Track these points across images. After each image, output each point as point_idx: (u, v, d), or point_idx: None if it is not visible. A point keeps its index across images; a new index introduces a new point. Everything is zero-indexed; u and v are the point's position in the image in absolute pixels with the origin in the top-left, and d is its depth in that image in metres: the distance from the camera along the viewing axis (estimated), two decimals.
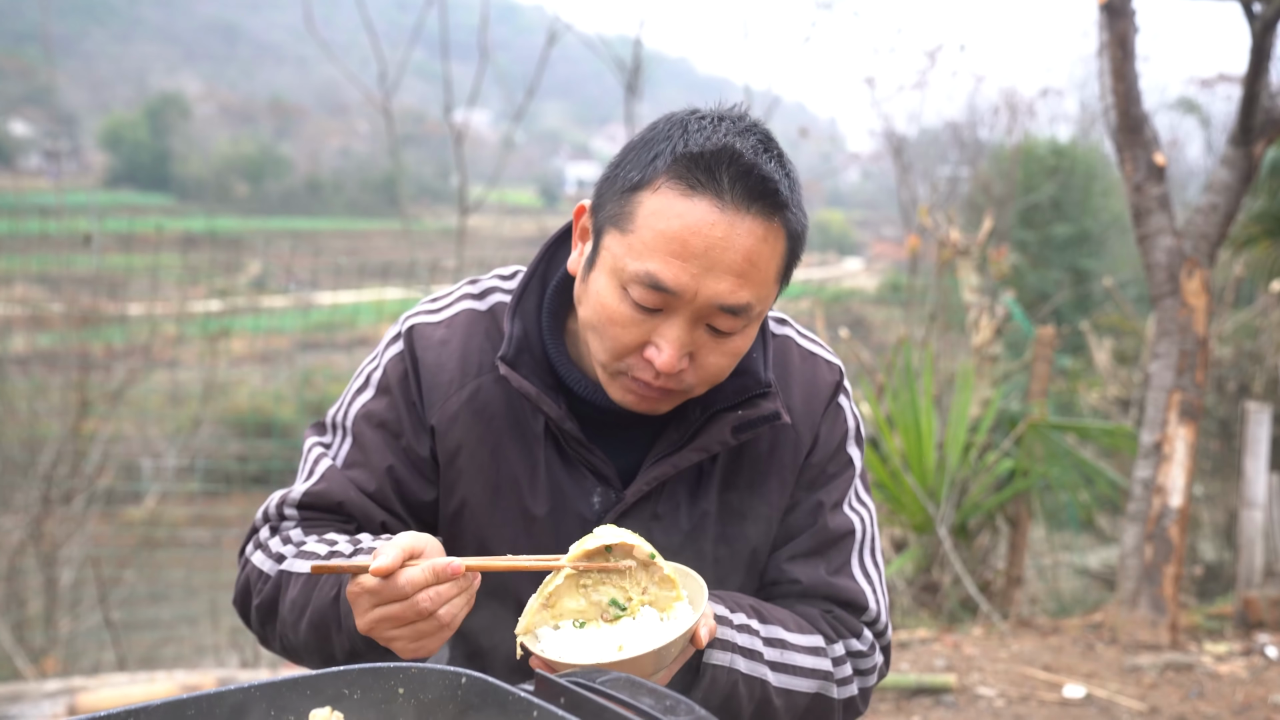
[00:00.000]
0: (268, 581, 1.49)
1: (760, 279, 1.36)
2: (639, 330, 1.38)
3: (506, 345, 1.49)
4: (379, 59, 8.47)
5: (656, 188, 1.34)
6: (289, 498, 1.55)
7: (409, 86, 10.02)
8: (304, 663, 1.50)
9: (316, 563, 1.29)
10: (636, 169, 1.37)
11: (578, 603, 1.32)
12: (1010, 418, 6.26)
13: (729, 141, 1.34)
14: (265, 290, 12.78)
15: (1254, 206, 7.53)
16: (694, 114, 1.40)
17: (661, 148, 1.36)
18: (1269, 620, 5.34)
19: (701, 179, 1.33)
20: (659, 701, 0.98)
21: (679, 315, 1.36)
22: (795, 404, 1.58)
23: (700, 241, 1.32)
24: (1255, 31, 4.76)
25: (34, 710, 4.52)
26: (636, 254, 1.34)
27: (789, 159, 1.41)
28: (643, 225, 1.34)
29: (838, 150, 22.68)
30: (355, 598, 1.28)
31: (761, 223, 1.34)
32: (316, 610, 1.41)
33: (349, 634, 1.36)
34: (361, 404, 1.57)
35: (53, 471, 7.70)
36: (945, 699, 4.30)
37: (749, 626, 1.45)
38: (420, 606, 1.24)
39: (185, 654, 7.94)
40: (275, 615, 1.48)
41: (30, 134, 40.83)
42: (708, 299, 1.34)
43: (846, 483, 1.61)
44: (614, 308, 1.38)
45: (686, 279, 1.33)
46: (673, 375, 1.40)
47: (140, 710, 0.98)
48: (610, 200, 1.40)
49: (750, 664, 1.43)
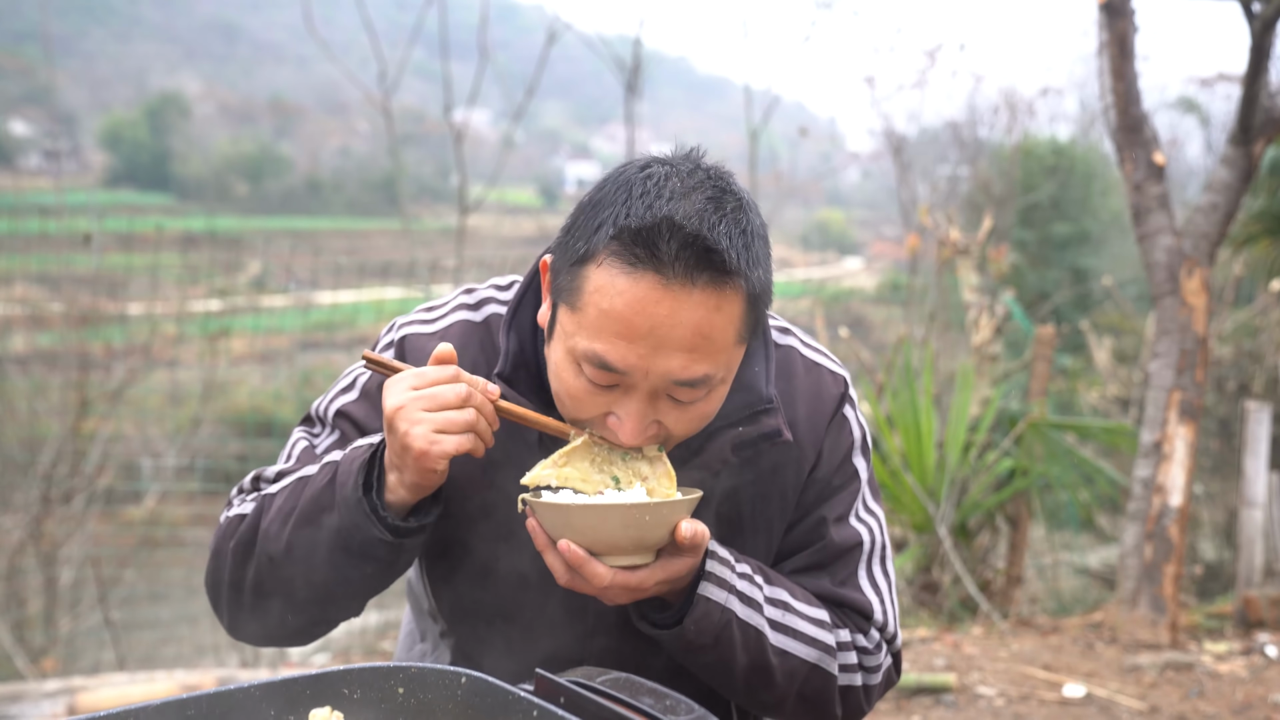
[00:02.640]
0: (245, 519, 1.47)
1: (715, 349, 1.31)
2: (599, 402, 1.36)
3: (503, 362, 1.47)
4: (379, 58, 8.48)
5: (600, 262, 1.29)
6: (264, 473, 1.54)
7: (409, 86, 10.03)
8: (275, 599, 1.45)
9: (369, 352, 1.43)
10: (583, 239, 1.32)
11: (584, 469, 1.37)
12: (1010, 417, 6.26)
13: (670, 211, 1.27)
14: (265, 290, 12.79)
15: (1254, 205, 7.53)
16: (643, 171, 1.33)
17: (605, 215, 1.30)
18: (1269, 619, 5.34)
19: (641, 254, 1.26)
20: (659, 701, 0.98)
21: (636, 391, 1.33)
22: (799, 417, 1.55)
23: (645, 321, 1.27)
24: (1255, 31, 4.76)
25: (34, 710, 4.52)
26: (585, 333, 1.31)
27: (750, 206, 1.34)
28: (588, 303, 1.30)
29: (837, 150, 22.69)
30: (395, 382, 1.34)
31: (712, 293, 1.28)
32: (308, 499, 1.40)
33: (344, 506, 1.36)
34: (343, 403, 1.56)
35: (52, 471, 7.70)
36: (945, 698, 4.30)
37: (751, 578, 1.45)
38: (461, 391, 1.31)
39: (185, 654, 7.93)
40: (254, 543, 1.44)
41: (30, 133, 40.81)
42: (660, 376, 1.31)
43: (852, 495, 1.59)
44: (571, 382, 1.36)
45: (634, 360, 1.29)
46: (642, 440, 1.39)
47: (140, 710, 0.98)
48: (563, 270, 1.36)
49: (747, 611, 1.42)
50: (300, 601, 1.44)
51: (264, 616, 1.48)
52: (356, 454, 1.40)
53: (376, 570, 1.41)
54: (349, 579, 1.41)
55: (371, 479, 1.38)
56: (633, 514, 1.30)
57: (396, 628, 6.83)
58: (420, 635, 1.76)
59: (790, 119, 15.95)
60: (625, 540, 1.31)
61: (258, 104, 60.32)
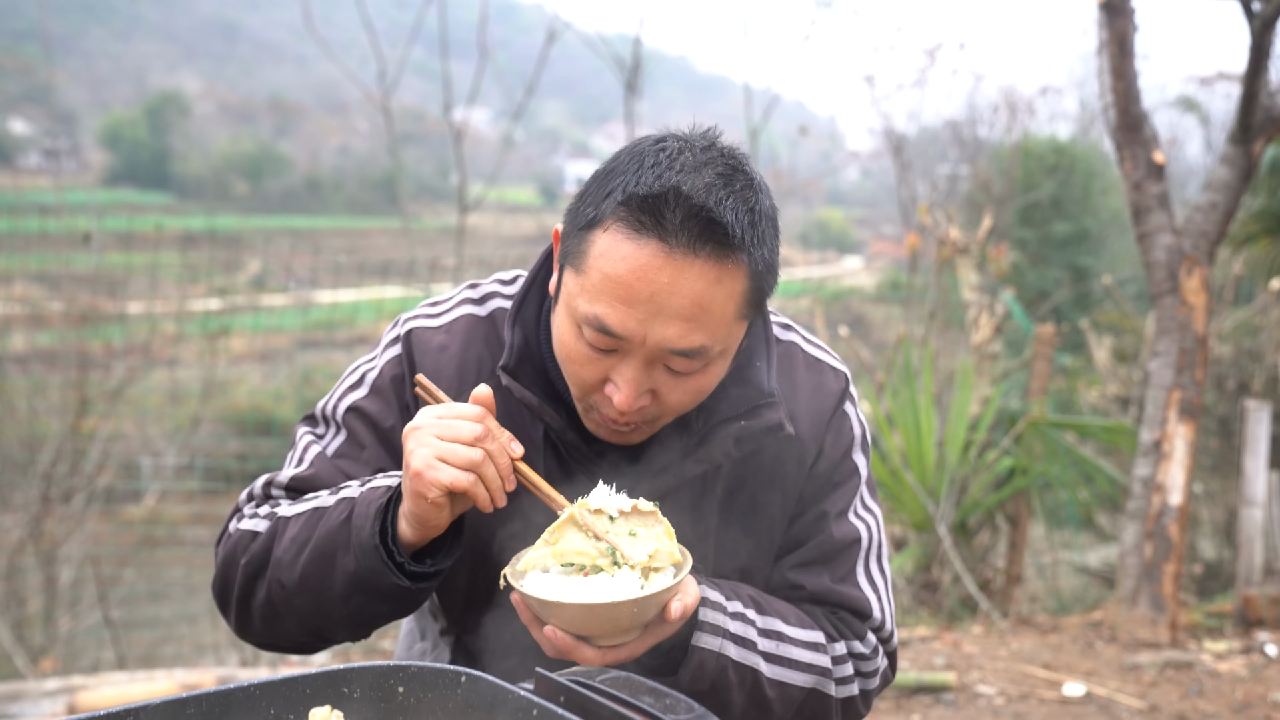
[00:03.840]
0: (258, 537, 1.46)
1: (713, 322, 1.33)
2: (597, 368, 1.37)
3: (508, 355, 1.48)
4: (378, 57, 8.47)
5: (606, 227, 1.32)
6: (276, 479, 1.54)
7: (408, 85, 10.03)
8: (288, 623, 1.46)
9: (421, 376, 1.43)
10: (592, 204, 1.34)
11: (577, 542, 1.34)
12: (1010, 416, 6.26)
13: (678, 181, 1.29)
14: (265, 289, 12.79)
15: (1253, 204, 7.54)
16: (657, 145, 1.35)
17: (616, 183, 1.33)
18: (1268, 618, 5.34)
19: (646, 221, 1.29)
20: (659, 701, 0.98)
21: (633, 357, 1.34)
22: (800, 413, 1.56)
23: (646, 287, 1.29)
24: (1255, 30, 4.76)
25: (33, 709, 4.52)
26: (587, 296, 1.33)
27: (760, 187, 1.36)
28: (592, 266, 1.32)
29: (837, 148, 22.69)
30: (429, 408, 1.36)
31: (713, 265, 1.30)
32: (323, 535, 1.39)
33: (359, 550, 1.35)
34: (353, 400, 1.56)
35: (52, 470, 7.70)
36: (945, 697, 4.30)
37: (744, 615, 1.45)
38: (477, 430, 1.31)
39: (185, 653, 7.92)
40: (266, 566, 1.44)
41: (29, 132, 40.79)
42: (656, 343, 1.32)
43: (852, 491, 1.60)
44: (572, 345, 1.37)
45: (633, 325, 1.31)
46: (635, 411, 1.38)
47: (140, 709, 0.98)
48: (571, 235, 1.38)
49: (742, 652, 1.42)
50: (310, 626, 1.45)
51: (272, 630, 1.49)
52: (373, 495, 1.38)
53: (392, 608, 1.41)
54: (362, 614, 1.41)
55: (387, 524, 1.37)
56: (621, 609, 1.27)
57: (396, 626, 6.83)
58: (420, 634, 1.76)
59: (790, 118, 15.93)
60: (613, 629, 1.30)
61: (257, 103, 60.33)
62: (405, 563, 1.36)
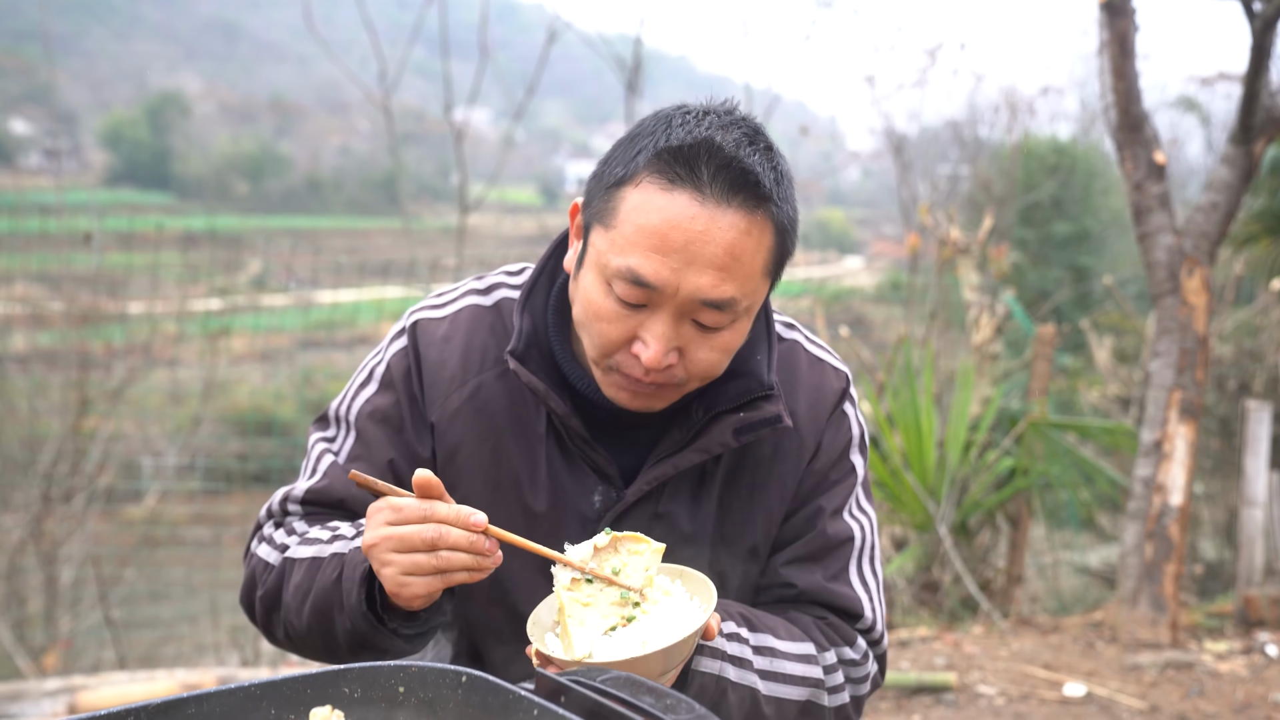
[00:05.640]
0: (271, 571, 1.50)
1: (744, 273, 1.35)
2: (625, 326, 1.38)
3: (516, 339, 1.48)
4: (379, 57, 8.48)
5: (638, 183, 1.34)
6: (292, 494, 1.57)
7: (409, 85, 10.03)
8: (307, 652, 1.51)
9: (355, 473, 1.30)
10: (621, 165, 1.37)
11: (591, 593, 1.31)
12: (1010, 416, 6.26)
13: (710, 135, 1.33)
14: (265, 289, 12.78)
15: (1254, 205, 7.54)
16: (681, 109, 1.39)
17: (645, 143, 1.36)
18: (1269, 618, 5.34)
19: (681, 172, 1.32)
20: (659, 700, 0.98)
21: (663, 310, 1.36)
22: (800, 409, 1.57)
23: (680, 235, 1.31)
24: (1255, 30, 4.76)
25: (34, 709, 4.52)
26: (618, 249, 1.34)
27: (779, 153, 1.40)
28: (624, 220, 1.34)
29: (838, 148, 22.64)
30: (375, 512, 1.29)
31: (744, 216, 1.33)
32: (319, 592, 1.41)
33: (351, 614, 1.37)
34: (365, 398, 1.58)
35: (53, 470, 7.71)
36: (945, 697, 4.30)
37: (738, 635, 1.45)
38: (426, 535, 1.24)
39: (185, 652, 7.93)
40: (279, 603, 1.49)
41: (30, 132, 40.79)
42: (689, 293, 1.34)
43: (848, 490, 1.61)
44: (600, 303, 1.38)
45: (667, 273, 1.32)
46: (662, 370, 1.39)
47: (140, 709, 0.98)
48: (597, 196, 1.40)
49: (739, 672, 1.43)
50: (325, 657, 1.50)
51: (297, 650, 1.54)
52: (358, 558, 1.37)
53: (398, 652, 1.43)
54: (371, 656, 1.42)
55: (374, 591, 1.36)
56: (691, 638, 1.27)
57: None
58: None
59: (791, 118, 15.92)
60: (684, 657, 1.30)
61: (258, 103, 60.33)
62: (397, 627, 1.37)
